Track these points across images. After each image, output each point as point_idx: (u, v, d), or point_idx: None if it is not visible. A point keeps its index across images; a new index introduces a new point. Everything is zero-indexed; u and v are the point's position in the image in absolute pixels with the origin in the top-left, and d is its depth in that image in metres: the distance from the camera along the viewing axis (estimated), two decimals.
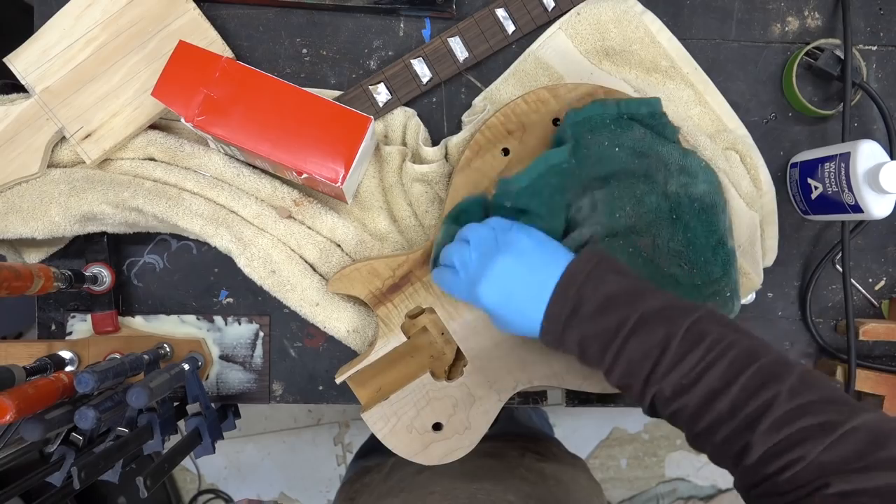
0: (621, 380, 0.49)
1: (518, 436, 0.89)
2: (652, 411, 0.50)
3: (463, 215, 0.60)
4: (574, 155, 0.58)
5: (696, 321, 0.47)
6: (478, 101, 0.68)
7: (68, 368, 0.63)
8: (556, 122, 0.62)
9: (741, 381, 0.44)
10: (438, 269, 0.58)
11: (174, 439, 0.58)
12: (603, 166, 0.58)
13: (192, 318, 0.69)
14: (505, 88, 0.68)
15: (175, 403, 0.66)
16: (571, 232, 0.58)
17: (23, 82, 0.62)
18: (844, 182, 0.62)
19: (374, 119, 0.63)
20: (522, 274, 0.51)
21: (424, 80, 0.66)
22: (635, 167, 0.58)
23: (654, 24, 0.66)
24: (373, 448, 0.93)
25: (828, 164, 0.64)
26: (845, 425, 0.41)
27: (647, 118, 0.59)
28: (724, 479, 1.83)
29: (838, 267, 0.71)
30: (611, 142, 0.58)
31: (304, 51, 0.68)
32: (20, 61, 0.62)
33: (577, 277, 0.50)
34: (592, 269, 0.50)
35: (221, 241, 0.63)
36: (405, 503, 0.69)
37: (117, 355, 0.65)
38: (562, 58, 0.67)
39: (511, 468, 0.76)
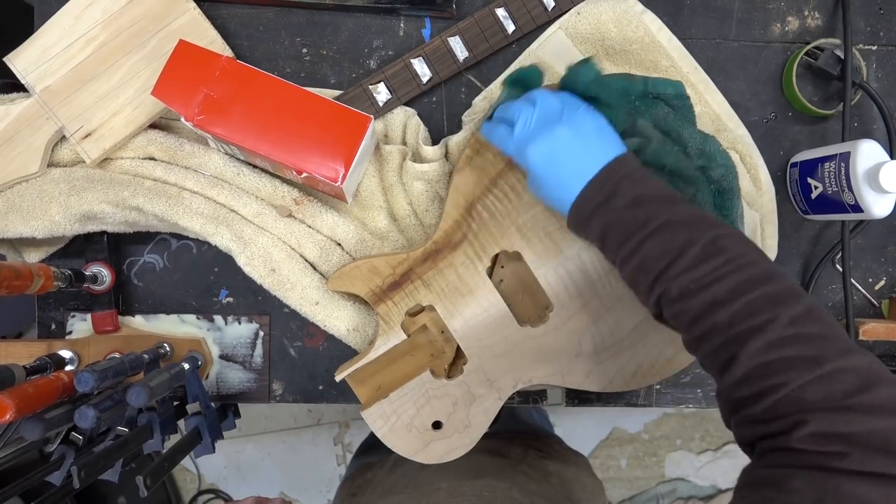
0: (632, 274, 0.50)
1: (520, 433, 0.89)
2: (656, 310, 0.51)
3: (521, 81, 0.60)
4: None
5: (720, 236, 0.47)
6: (478, 101, 0.68)
7: (68, 368, 0.63)
8: None
9: (746, 298, 0.44)
10: (491, 122, 0.59)
11: (174, 439, 0.58)
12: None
13: (192, 317, 0.69)
14: None
15: (175, 403, 0.66)
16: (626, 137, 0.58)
17: (23, 82, 0.62)
18: (844, 182, 0.62)
19: (374, 118, 0.63)
20: (575, 149, 0.52)
21: (424, 79, 0.66)
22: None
23: (654, 24, 0.66)
24: (373, 444, 0.93)
25: (828, 163, 0.64)
26: (835, 362, 0.40)
27: (673, 98, 0.60)
28: (724, 478, 1.83)
29: (838, 267, 0.71)
30: (631, 118, 0.59)
31: (304, 50, 0.68)
32: (20, 61, 0.62)
33: (620, 170, 0.51)
34: (636, 169, 0.51)
35: (221, 239, 0.63)
36: (411, 499, 0.69)
37: (117, 355, 0.65)
38: (562, 57, 0.67)
39: (514, 465, 0.76)
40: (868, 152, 0.61)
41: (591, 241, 0.53)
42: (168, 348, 0.66)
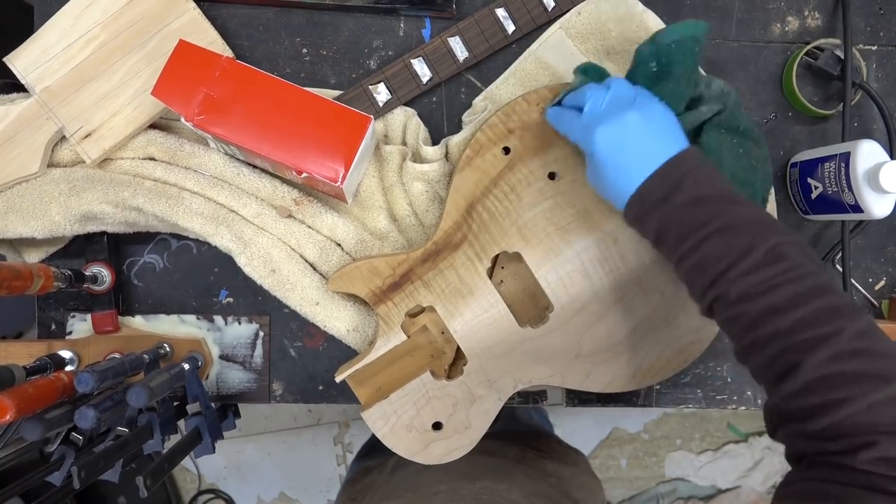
0: (690, 272, 0.49)
1: (518, 433, 0.89)
2: (709, 312, 0.50)
3: (591, 70, 0.59)
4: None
5: (783, 242, 0.46)
6: (478, 101, 0.68)
7: (68, 368, 0.63)
8: None
9: (810, 307, 0.43)
10: (558, 108, 0.58)
11: (174, 439, 0.58)
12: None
13: (192, 317, 0.69)
14: (505, 88, 0.68)
15: (175, 403, 0.66)
16: (692, 108, 0.58)
17: (23, 82, 0.62)
18: (844, 182, 0.62)
19: (374, 118, 0.63)
20: (642, 138, 0.51)
21: (424, 79, 0.66)
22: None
23: (654, 24, 0.66)
24: (374, 447, 0.93)
25: (828, 163, 0.64)
26: None
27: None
28: (724, 478, 1.83)
29: (838, 267, 0.71)
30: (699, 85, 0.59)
31: (304, 50, 0.68)
32: (20, 61, 0.62)
33: (684, 166, 0.50)
34: (699, 165, 0.50)
35: (221, 240, 0.63)
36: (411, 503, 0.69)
37: (117, 355, 0.65)
38: (562, 57, 0.67)
39: (513, 466, 0.76)
40: (868, 152, 0.61)
41: (646, 235, 0.52)
42: (168, 348, 0.66)
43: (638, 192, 0.51)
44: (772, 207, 0.69)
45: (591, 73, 0.59)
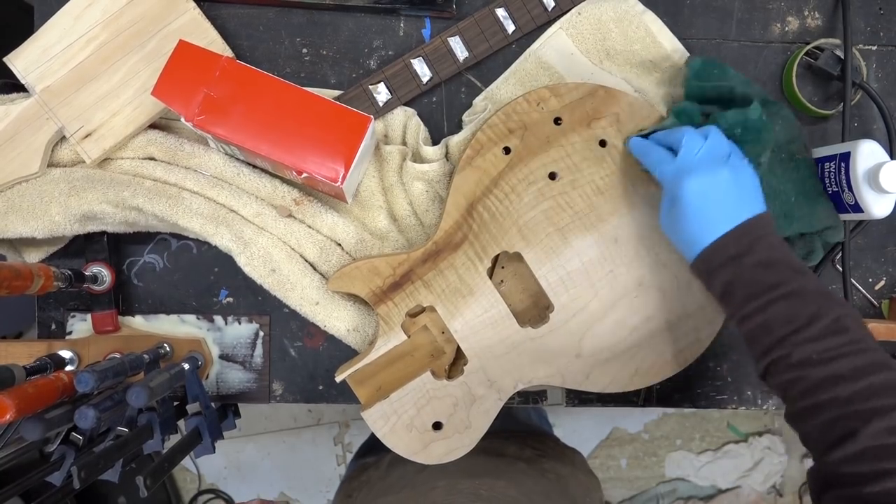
0: (754, 331, 0.51)
1: (516, 432, 0.89)
2: (765, 371, 0.52)
3: (685, 113, 0.61)
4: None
5: (844, 315, 0.49)
6: (478, 101, 0.68)
7: (68, 368, 0.63)
8: (557, 121, 0.62)
9: (870, 379, 0.46)
10: (643, 140, 0.60)
11: (174, 439, 0.58)
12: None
13: (191, 317, 0.69)
14: (505, 88, 0.68)
15: (175, 403, 0.66)
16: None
17: (23, 82, 0.62)
18: (844, 182, 0.62)
19: (374, 118, 0.63)
20: (728, 196, 0.53)
21: (424, 79, 0.66)
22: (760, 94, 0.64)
23: (654, 24, 0.66)
24: (372, 446, 0.93)
25: (828, 163, 0.64)
26: None
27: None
28: (724, 478, 1.83)
29: (838, 267, 0.71)
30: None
31: (304, 50, 0.68)
32: (20, 61, 0.62)
33: (758, 230, 0.53)
34: (772, 231, 0.53)
35: (221, 240, 0.63)
36: (409, 499, 0.69)
37: (117, 355, 0.65)
38: (563, 57, 0.67)
39: (511, 464, 0.76)
40: (868, 152, 0.61)
41: (712, 286, 0.54)
42: (168, 348, 0.66)
43: (713, 246, 0.53)
44: None
45: (683, 117, 0.61)
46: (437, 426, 0.62)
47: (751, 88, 0.64)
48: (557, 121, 0.62)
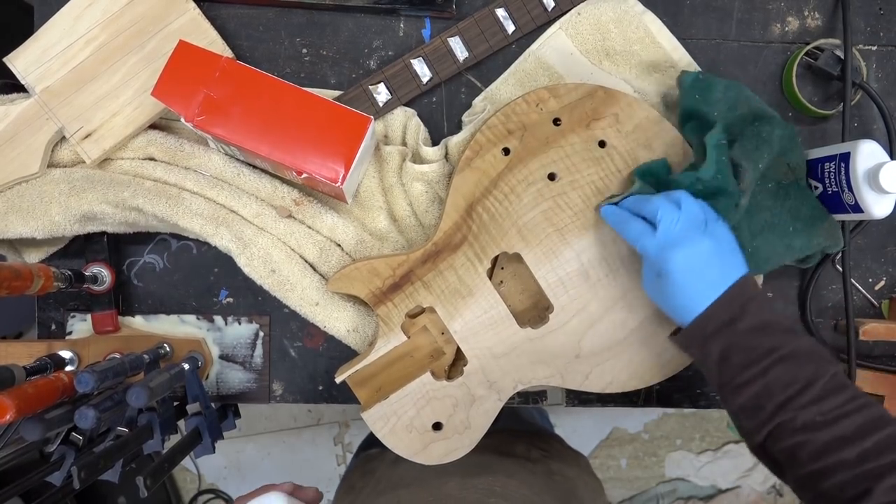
0: (753, 399, 0.51)
1: (522, 432, 0.89)
2: (764, 440, 0.52)
3: (648, 175, 0.61)
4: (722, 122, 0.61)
5: (839, 371, 0.50)
6: (478, 101, 0.68)
7: (68, 368, 0.63)
8: (556, 121, 0.62)
9: (875, 437, 0.47)
10: (616, 209, 0.59)
11: (174, 439, 0.58)
12: (734, 117, 0.62)
13: (191, 317, 0.69)
14: (505, 88, 0.68)
15: (175, 403, 0.66)
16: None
17: (23, 82, 0.62)
18: (844, 182, 0.62)
19: (374, 119, 0.63)
20: (713, 265, 0.53)
21: (424, 79, 0.66)
22: (743, 113, 0.62)
23: (654, 24, 0.66)
24: (375, 440, 0.93)
25: (828, 164, 0.64)
26: None
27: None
28: (724, 478, 1.83)
29: (838, 267, 0.71)
30: (709, 108, 0.62)
31: (304, 51, 0.68)
32: (20, 61, 0.62)
33: (747, 292, 0.53)
34: (759, 290, 0.54)
35: (221, 240, 0.63)
36: (421, 492, 0.69)
37: (117, 355, 0.65)
38: (562, 58, 0.67)
39: (520, 464, 0.76)
40: (868, 152, 0.61)
41: (705, 355, 0.54)
42: (168, 349, 0.66)
43: (705, 314, 0.53)
44: None
45: (648, 177, 0.60)
46: (436, 427, 0.62)
47: (742, 100, 0.62)
48: (556, 121, 0.62)
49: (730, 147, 0.60)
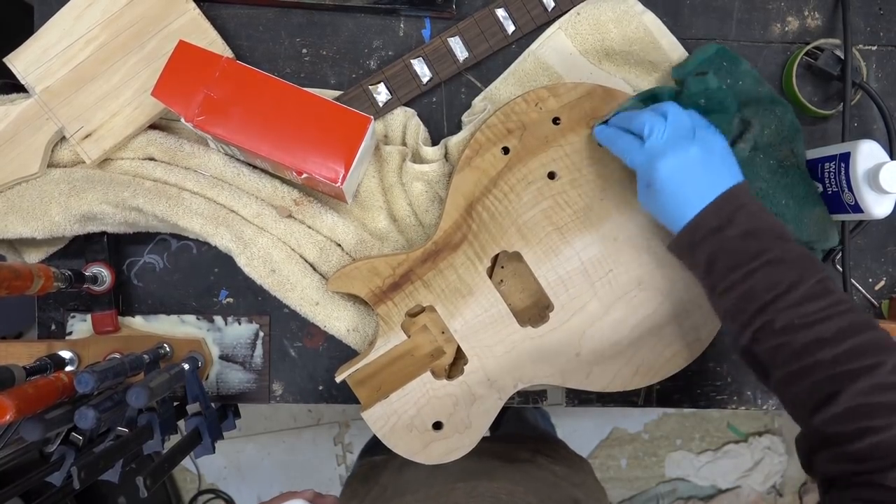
0: (736, 301, 0.51)
1: (527, 437, 0.89)
2: (749, 342, 0.51)
3: (651, 100, 0.61)
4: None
5: (825, 278, 0.50)
6: (478, 101, 0.68)
7: (68, 368, 0.63)
8: (555, 120, 0.62)
9: (853, 341, 0.46)
10: (607, 128, 0.59)
11: (174, 439, 0.58)
12: (744, 93, 0.65)
13: (191, 317, 0.69)
14: (505, 88, 0.68)
15: (175, 403, 0.66)
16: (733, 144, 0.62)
17: (23, 82, 0.62)
18: (844, 182, 0.62)
19: (374, 119, 0.63)
20: (702, 171, 0.53)
21: (424, 79, 0.66)
22: (763, 93, 0.64)
23: (654, 24, 0.66)
24: (378, 443, 0.93)
25: (828, 164, 0.64)
26: None
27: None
28: (723, 478, 1.83)
29: (838, 267, 0.71)
30: (733, 78, 0.65)
31: (304, 51, 0.68)
32: (20, 61, 0.62)
33: (738, 200, 0.52)
34: (751, 200, 0.53)
35: (221, 240, 0.63)
36: (427, 499, 0.69)
37: (117, 355, 0.65)
38: (562, 58, 0.67)
39: (526, 470, 0.76)
40: (868, 152, 0.61)
41: (694, 263, 0.54)
42: (168, 349, 0.66)
43: (693, 222, 0.53)
44: None
45: (650, 101, 0.60)
46: (437, 426, 0.62)
47: (763, 82, 0.64)
48: (556, 121, 0.62)
49: (741, 109, 0.62)
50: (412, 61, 0.65)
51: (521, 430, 0.94)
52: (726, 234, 0.51)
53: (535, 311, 0.65)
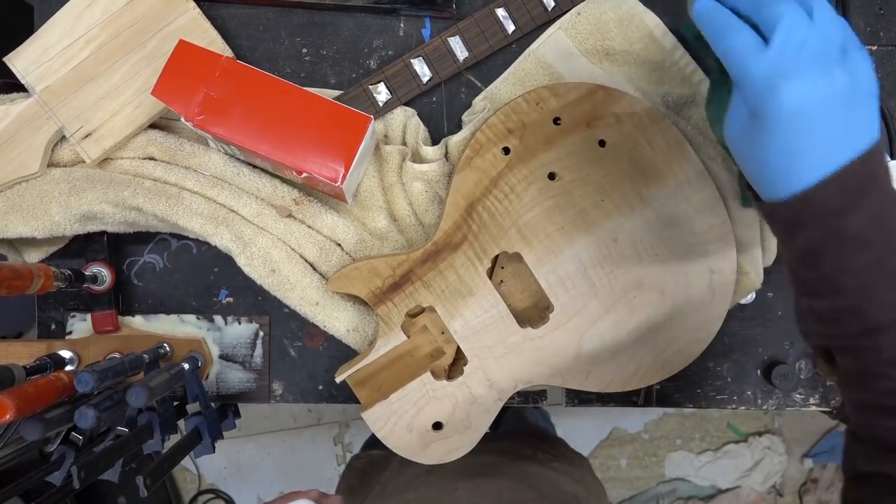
0: (832, 311, 0.40)
1: (527, 435, 0.89)
2: (828, 350, 0.42)
3: None
4: None
5: None
6: (478, 101, 0.68)
7: (68, 368, 0.63)
8: (556, 121, 0.62)
9: None
10: (727, 13, 0.40)
11: (174, 439, 0.58)
12: None
13: (191, 317, 0.69)
14: (505, 88, 0.68)
15: (175, 403, 0.66)
16: None
17: (23, 82, 0.62)
18: None
19: (374, 118, 0.63)
20: (842, 115, 0.37)
21: (424, 79, 0.66)
22: None
23: (654, 24, 0.66)
24: (377, 441, 0.93)
25: None
26: None
27: None
28: (724, 478, 1.83)
29: None
30: None
31: (304, 50, 0.68)
32: (20, 61, 0.62)
33: (873, 170, 0.38)
34: (885, 171, 0.38)
35: (221, 240, 0.63)
36: (429, 497, 0.69)
37: (117, 355, 0.65)
38: (562, 57, 0.67)
39: (526, 467, 0.76)
40: None
41: (788, 241, 0.41)
42: (168, 348, 0.66)
43: (808, 194, 0.38)
44: None
45: None
46: (437, 426, 0.62)
47: None
48: (557, 121, 0.62)
49: None
50: (412, 61, 0.65)
51: (520, 427, 0.95)
52: (847, 222, 0.37)
53: (534, 311, 0.65)
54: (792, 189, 0.39)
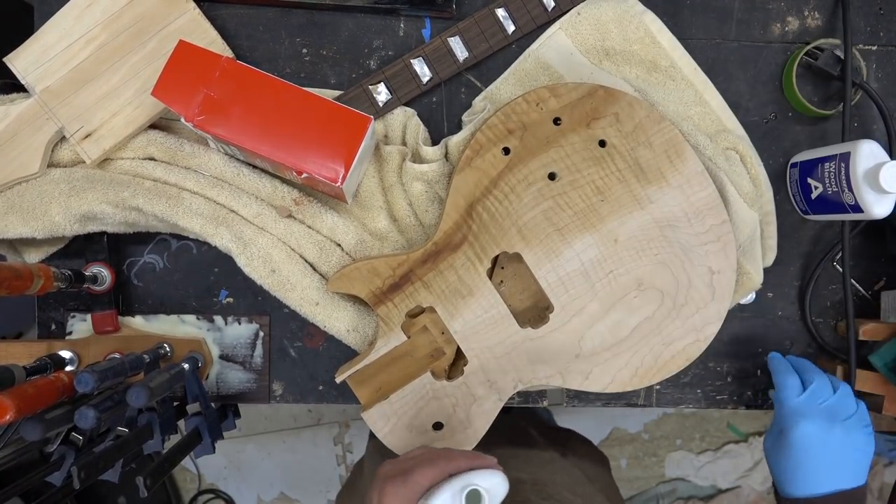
0: None
1: (551, 429, 0.90)
2: None
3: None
4: None
5: None
6: (478, 101, 0.68)
7: (68, 368, 0.63)
8: (556, 121, 0.62)
9: None
10: (787, 366, 0.62)
11: (174, 439, 0.58)
12: None
13: (191, 317, 0.69)
14: (505, 88, 0.68)
15: (175, 403, 0.66)
16: None
17: (23, 82, 0.62)
18: (844, 182, 0.62)
19: (374, 119, 0.63)
20: (831, 458, 0.55)
21: (424, 79, 0.66)
22: None
23: (654, 24, 0.66)
24: None
25: (828, 164, 0.64)
26: None
27: None
28: (724, 478, 1.83)
29: (838, 267, 0.71)
30: None
31: (304, 50, 0.68)
32: (20, 61, 0.62)
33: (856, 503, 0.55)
34: None
35: (221, 240, 0.63)
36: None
37: (117, 355, 0.65)
38: (562, 57, 0.67)
39: (559, 462, 0.77)
40: (868, 152, 0.61)
41: None
42: (168, 349, 0.66)
43: (809, 501, 0.55)
44: (770, 209, 0.69)
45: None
46: (437, 426, 0.62)
47: None
48: (557, 121, 0.62)
49: None
50: (412, 61, 0.65)
51: (530, 418, 0.96)
52: None
53: (534, 312, 0.65)
54: (798, 493, 0.56)
